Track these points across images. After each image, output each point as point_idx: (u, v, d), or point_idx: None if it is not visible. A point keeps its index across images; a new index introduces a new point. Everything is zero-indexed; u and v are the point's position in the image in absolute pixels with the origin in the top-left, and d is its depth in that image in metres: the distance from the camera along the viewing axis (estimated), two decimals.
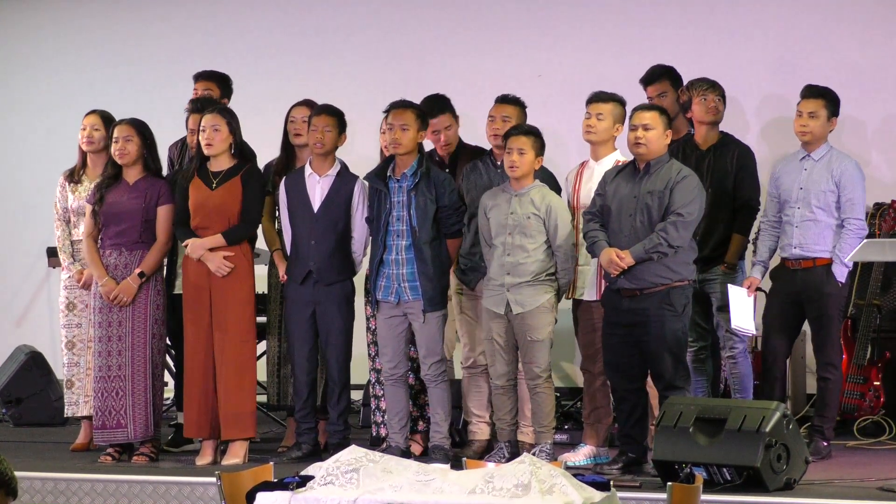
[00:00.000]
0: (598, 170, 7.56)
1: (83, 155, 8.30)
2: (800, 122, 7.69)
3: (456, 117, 8.20)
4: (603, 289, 7.40)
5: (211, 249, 7.71)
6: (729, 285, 7.71)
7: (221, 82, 8.77)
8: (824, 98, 7.68)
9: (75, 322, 8.21)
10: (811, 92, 7.72)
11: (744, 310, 7.59)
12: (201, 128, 7.80)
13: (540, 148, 7.44)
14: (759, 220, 8.07)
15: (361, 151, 9.00)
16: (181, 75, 9.20)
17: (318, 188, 7.79)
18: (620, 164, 7.46)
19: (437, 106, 8.11)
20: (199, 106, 8.17)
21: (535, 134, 7.44)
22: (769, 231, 7.79)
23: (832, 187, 7.61)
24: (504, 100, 7.89)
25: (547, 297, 7.42)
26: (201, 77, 8.80)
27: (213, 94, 8.65)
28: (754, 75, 9.41)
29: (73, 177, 8.29)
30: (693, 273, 7.26)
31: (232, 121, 7.84)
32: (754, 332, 7.73)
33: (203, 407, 7.75)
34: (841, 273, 7.59)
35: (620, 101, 7.59)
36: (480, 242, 7.62)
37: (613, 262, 7.12)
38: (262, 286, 8.22)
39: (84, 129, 8.26)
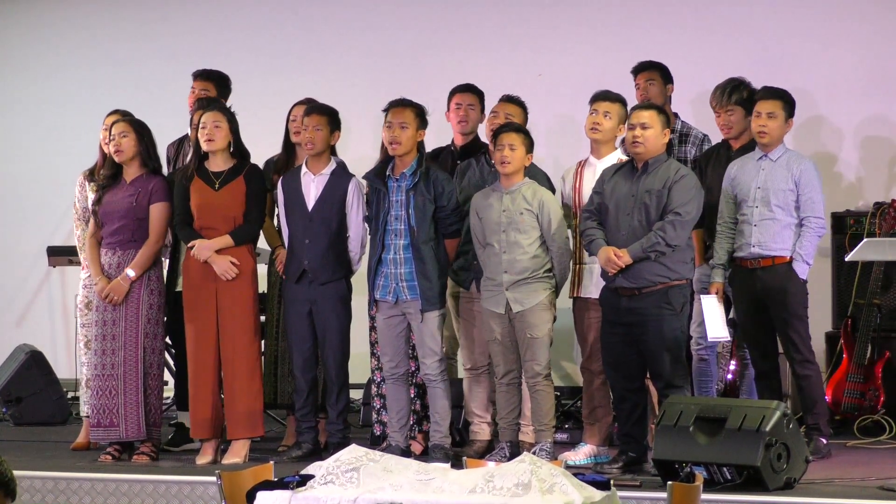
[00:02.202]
0: (601, 167, 7.56)
1: (104, 155, 8.27)
2: (758, 122, 7.66)
3: (483, 106, 8.15)
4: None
5: (218, 251, 7.72)
6: (701, 296, 7.64)
7: (219, 82, 8.75)
8: (781, 99, 7.67)
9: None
10: (768, 93, 7.72)
11: (717, 318, 7.53)
12: (202, 124, 7.79)
13: (530, 145, 7.45)
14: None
15: (359, 150, 9.00)
16: (182, 74, 9.19)
17: (312, 187, 7.79)
18: (619, 162, 7.46)
19: (467, 86, 8.18)
20: (206, 104, 8.17)
21: (524, 131, 7.48)
22: (726, 233, 7.72)
23: (791, 186, 7.58)
24: (510, 99, 7.92)
25: (545, 294, 7.43)
26: (199, 76, 8.78)
27: (210, 94, 8.63)
28: (754, 75, 9.40)
29: (94, 176, 8.27)
30: (691, 272, 7.26)
31: (233, 120, 7.85)
32: (729, 339, 7.72)
33: (211, 407, 7.75)
34: (802, 270, 7.55)
35: (625, 103, 7.62)
36: (473, 242, 7.62)
37: (611, 261, 7.12)
38: (261, 285, 8.23)
39: (106, 130, 8.20)
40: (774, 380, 7.77)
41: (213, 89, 8.69)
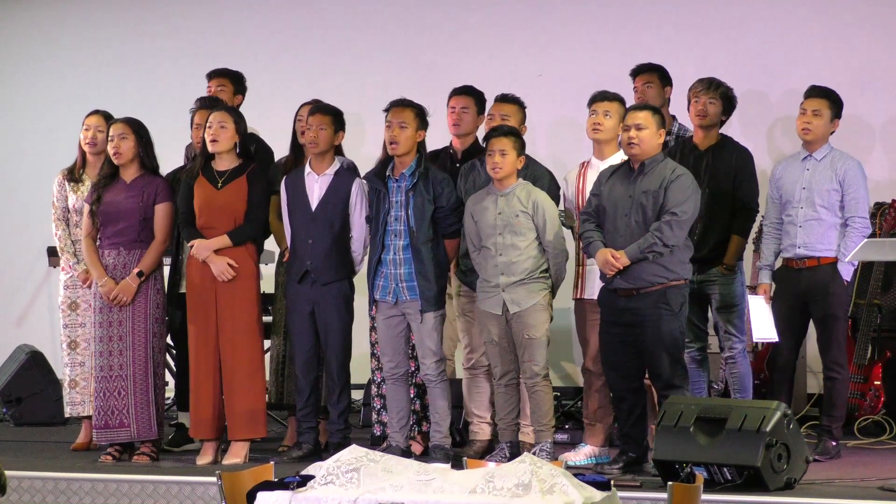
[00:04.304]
0: (604, 168, 7.55)
1: (83, 154, 8.28)
2: (803, 119, 7.69)
3: (481, 108, 8.05)
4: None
5: (217, 251, 7.71)
6: (749, 297, 7.71)
7: (235, 80, 8.74)
8: (828, 98, 7.69)
9: (78, 322, 8.19)
10: (815, 91, 7.73)
11: (764, 319, 7.60)
12: (208, 124, 7.77)
13: (521, 148, 7.44)
14: (761, 223, 8.06)
15: (363, 150, 8.99)
16: (184, 75, 9.22)
17: (316, 187, 7.78)
18: (616, 164, 7.45)
19: (462, 89, 8.13)
20: (206, 103, 8.16)
21: (515, 134, 7.45)
22: (772, 234, 7.78)
23: (836, 186, 7.61)
24: (504, 99, 7.90)
25: (542, 294, 7.42)
26: (214, 75, 8.74)
27: (227, 90, 8.62)
28: (753, 76, 9.41)
29: (73, 176, 8.26)
30: (689, 272, 7.25)
31: (239, 121, 7.83)
32: (777, 339, 7.73)
33: (212, 407, 7.74)
34: (847, 272, 7.61)
35: (624, 101, 7.62)
36: (467, 245, 7.61)
37: (609, 263, 7.12)
38: (269, 285, 8.22)
39: (87, 130, 8.22)
40: (790, 380, 7.78)
41: (230, 85, 8.67)
